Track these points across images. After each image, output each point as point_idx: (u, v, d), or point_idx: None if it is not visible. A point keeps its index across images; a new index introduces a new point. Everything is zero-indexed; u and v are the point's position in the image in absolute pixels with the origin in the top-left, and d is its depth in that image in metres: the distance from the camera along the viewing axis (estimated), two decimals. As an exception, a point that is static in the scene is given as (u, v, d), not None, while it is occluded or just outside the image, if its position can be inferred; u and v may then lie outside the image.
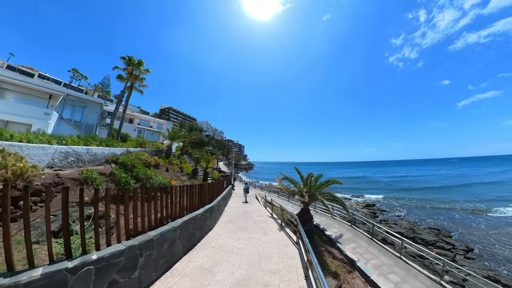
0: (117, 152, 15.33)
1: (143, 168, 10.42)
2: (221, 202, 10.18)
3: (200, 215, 6.65)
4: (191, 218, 5.97)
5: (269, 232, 7.52)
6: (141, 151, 19.22)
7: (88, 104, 20.36)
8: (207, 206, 7.59)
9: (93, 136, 15.05)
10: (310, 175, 9.31)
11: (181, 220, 5.56)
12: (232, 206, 12.83)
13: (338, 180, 9.12)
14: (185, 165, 24.89)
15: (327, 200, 8.57)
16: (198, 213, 6.45)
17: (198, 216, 6.45)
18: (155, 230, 4.72)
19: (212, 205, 8.01)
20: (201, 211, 6.81)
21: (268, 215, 10.11)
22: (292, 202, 17.24)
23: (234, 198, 17.40)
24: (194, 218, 6.19)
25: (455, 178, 59.72)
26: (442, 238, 19.96)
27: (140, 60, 24.38)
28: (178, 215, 5.88)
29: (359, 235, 11.49)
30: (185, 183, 15.90)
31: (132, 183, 8.68)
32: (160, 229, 4.78)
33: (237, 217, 9.66)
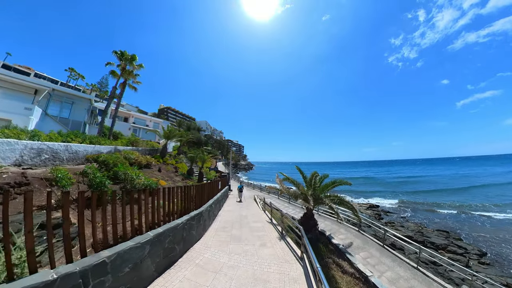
0: (103, 150, 14.12)
1: (123, 167, 9.20)
2: (213, 206, 8.98)
3: (183, 224, 5.44)
4: (168, 229, 4.76)
5: (268, 242, 6.31)
6: (131, 150, 18.00)
7: (77, 100, 19.16)
8: (193, 212, 6.39)
9: (76, 133, 13.84)
10: (314, 175, 8.09)
11: (152, 233, 4.34)
12: (227, 209, 11.61)
13: (346, 180, 7.94)
14: (181, 165, 23.71)
15: (334, 204, 7.38)
16: (178, 222, 5.23)
17: (179, 226, 5.24)
18: (111, 249, 3.51)
19: (200, 211, 6.81)
20: (184, 219, 5.60)
21: (267, 220, 8.91)
22: (293, 204, 16.04)
23: (231, 200, 16.19)
24: (173, 229, 4.98)
25: (464, 179, 56.81)
26: (452, 242, 18.74)
27: (133, 55, 23.22)
28: (153, 225, 4.67)
29: (369, 242, 10.28)
30: (177, 183, 14.70)
31: (107, 184, 7.47)
32: (119, 247, 3.57)
33: (231, 223, 8.45)
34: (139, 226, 4.82)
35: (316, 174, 8.14)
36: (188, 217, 5.87)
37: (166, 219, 5.37)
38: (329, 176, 9.74)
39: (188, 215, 6.04)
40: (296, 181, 8.71)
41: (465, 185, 45.26)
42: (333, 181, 7.96)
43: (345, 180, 7.96)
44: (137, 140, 22.73)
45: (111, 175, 8.77)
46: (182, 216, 5.78)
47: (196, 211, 6.55)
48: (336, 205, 7.38)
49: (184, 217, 5.74)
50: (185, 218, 5.72)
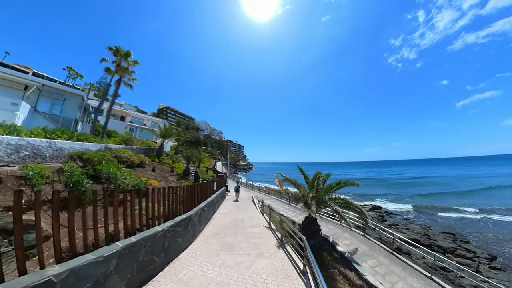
0: (91, 148, 13.33)
1: (107, 166, 8.41)
2: (206, 209, 8.17)
3: (164, 232, 4.64)
4: (144, 239, 3.97)
5: (265, 252, 5.50)
6: (124, 149, 17.20)
7: (68, 96, 18.35)
8: (179, 217, 5.58)
9: (63, 129, 13.05)
10: (317, 175, 7.27)
11: (122, 243, 3.55)
12: (223, 212, 10.78)
13: (352, 181, 7.13)
14: (178, 165, 22.93)
15: (340, 207, 6.59)
16: (158, 230, 4.43)
17: (159, 234, 4.44)
18: (63, 264, 2.72)
19: (188, 216, 6.01)
20: (166, 225, 4.80)
21: (265, 225, 8.10)
22: (293, 205, 15.21)
23: (227, 202, 15.33)
24: (151, 238, 4.18)
25: (470, 180, 54.45)
26: (460, 245, 17.90)
27: (128, 50, 22.51)
28: (133, 231, 3.87)
29: (376, 248, 9.46)
30: (171, 184, 13.90)
31: (86, 183, 6.67)
32: (73, 262, 2.79)
33: (225, 228, 7.63)
34: (115, 232, 4.05)
35: (319, 174, 7.30)
36: (173, 222, 5.06)
37: (150, 224, 4.59)
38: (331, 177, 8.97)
39: (172, 220, 5.23)
40: (297, 182, 7.89)
41: (475, 187, 42.82)
42: (338, 182, 7.16)
43: (351, 181, 7.16)
44: (131, 138, 21.94)
45: (92, 174, 7.97)
46: (165, 222, 4.97)
47: (183, 216, 5.73)
48: (342, 208, 6.59)
49: (166, 223, 4.93)
50: (168, 224, 4.92)
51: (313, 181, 7.30)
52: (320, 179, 7.13)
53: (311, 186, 7.31)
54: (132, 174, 12.03)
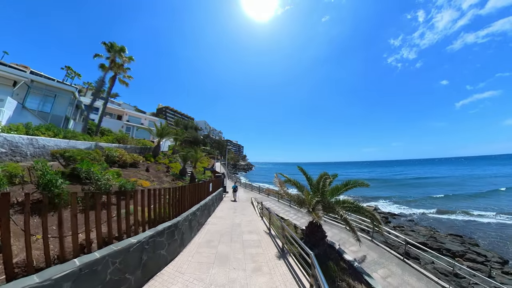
0: (80, 146, 12.54)
1: (87, 164, 7.60)
2: (199, 213, 7.36)
3: (141, 243, 3.84)
4: (110, 254, 3.17)
5: (264, 265, 4.68)
6: (117, 147, 16.41)
7: (59, 93, 17.55)
8: (161, 226, 4.76)
9: (48, 126, 12.25)
10: (323, 177, 6.38)
11: (80, 260, 2.75)
12: (219, 215, 9.95)
13: (362, 181, 6.32)
14: (174, 165, 22.13)
15: (350, 212, 5.78)
16: (132, 242, 3.63)
17: (134, 247, 3.63)
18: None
19: (175, 222, 5.20)
20: (143, 236, 3.99)
21: (265, 231, 7.28)
22: (295, 208, 14.39)
23: (225, 204, 14.46)
24: (123, 252, 3.39)
25: (478, 180, 52.14)
26: (469, 248, 17.06)
27: (122, 46, 21.74)
28: (110, 239, 3.08)
29: (386, 255, 8.65)
30: (164, 185, 13.09)
31: (59, 184, 5.86)
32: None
33: (220, 234, 6.82)
34: (86, 241, 3.29)
35: (325, 175, 6.40)
36: (153, 232, 4.25)
37: (131, 232, 3.82)
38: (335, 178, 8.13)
39: (153, 229, 4.42)
40: (299, 184, 7.05)
41: (483, 188, 40.13)
42: (345, 183, 6.35)
43: (360, 181, 6.35)
44: (125, 137, 21.13)
45: (72, 173, 7.17)
46: (142, 232, 4.16)
47: (167, 223, 4.92)
48: (351, 213, 5.77)
49: (145, 233, 4.12)
50: (147, 233, 4.11)
51: (318, 183, 6.46)
52: (326, 181, 6.29)
53: (316, 189, 6.47)
54: (122, 174, 11.24)
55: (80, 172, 7.45)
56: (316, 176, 7.48)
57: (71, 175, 7.91)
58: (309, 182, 7.02)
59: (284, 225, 5.14)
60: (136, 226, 4.74)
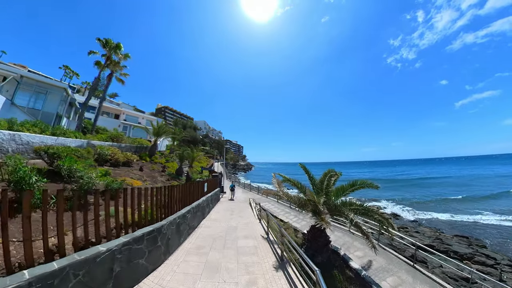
0: (70, 143, 11.92)
1: (70, 161, 6.97)
2: (190, 216, 6.71)
3: (112, 253, 3.21)
4: (72, 265, 2.54)
5: (260, 278, 4.03)
6: (111, 146, 15.78)
7: (51, 89, 16.91)
8: (139, 231, 4.11)
9: (35, 122, 11.64)
10: (329, 174, 5.68)
11: (30, 272, 2.12)
12: (214, 217, 9.28)
13: (371, 182, 5.66)
14: (171, 164, 21.52)
15: (358, 215, 5.12)
16: (100, 250, 3.00)
17: (102, 257, 3.00)
18: None
19: (158, 227, 4.55)
20: (114, 244, 3.35)
21: (262, 235, 6.62)
22: (295, 209, 13.73)
23: (221, 205, 13.74)
24: (88, 263, 2.75)
25: (485, 180, 49.88)
26: (478, 250, 16.35)
27: (118, 43, 21.15)
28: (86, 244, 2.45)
29: (394, 261, 7.99)
30: (157, 184, 12.45)
31: (34, 181, 5.23)
32: None
33: (213, 239, 6.17)
34: (59, 246, 2.68)
35: (331, 172, 5.69)
36: (129, 238, 3.62)
37: (112, 236, 3.19)
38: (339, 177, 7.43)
39: (130, 235, 3.77)
40: (300, 184, 6.37)
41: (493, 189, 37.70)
42: (352, 182, 5.69)
43: (369, 181, 5.69)
44: (120, 135, 20.51)
45: (53, 171, 6.53)
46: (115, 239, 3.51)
47: (148, 228, 4.27)
48: (360, 216, 5.10)
49: (120, 239, 3.48)
50: (121, 240, 3.47)
51: (322, 182, 5.75)
52: (332, 180, 5.59)
53: (319, 189, 5.79)
54: (112, 173, 10.60)
55: (61, 169, 6.82)
56: (318, 176, 6.81)
57: (53, 172, 7.30)
58: (312, 181, 6.35)
59: (283, 232, 4.49)
60: (118, 230, 4.13)
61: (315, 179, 6.34)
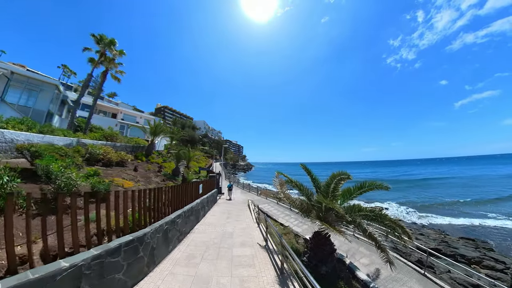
0: (58, 142, 11.31)
1: (48, 160, 6.37)
2: (180, 221, 6.09)
3: (77, 269, 2.59)
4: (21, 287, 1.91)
5: (256, 296, 3.44)
6: (103, 145, 15.18)
7: (42, 86, 16.32)
8: (115, 242, 3.49)
9: (21, 120, 11.06)
10: (338, 176, 4.98)
11: None
12: (209, 221, 8.64)
13: (381, 183, 5.05)
14: (168, 164, 20.93)
15: (369, 220, 4.50)
16: (62, 266, 2.38)
17: (62, 276, 2.39)
18: None
19: (139, 235, 3.94)
20: (85, 256, 2.75)
21: (260, 242, 5.99)
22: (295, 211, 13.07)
23: (218, 207, 13.04)
24: (38, 284, 2.12)
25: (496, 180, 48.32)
26: (485, 254, 15.72)
27: (112, 38, 20.52)
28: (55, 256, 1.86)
29: (403, 269, 7.39)
30: (151, 185, 11.83)
31: (5, 182, 4.63)
32: None
33: (206, 246, 5.54)
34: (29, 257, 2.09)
35: (341, 174, 4.98)
36: (101, 250, 3.01)
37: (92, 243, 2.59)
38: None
39: (102, 246, 3.17)
40: (303, 186, 5.73)
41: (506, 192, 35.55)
42: (360, 184, 5.07)
43: (379, 182, 5.08)
44: (115, 134, 19.90)
45: (26, 170, 5.92)
46: (83, 252, 2.90)
47: (126, 238, 3.66)
48: (368, 221, 4.47)
49: (90, 251, 2.88)
50: (91, 253, 2.86)
51: (328, 185, 5.06)
52: (341, 182, 4.92)
53: (324, 192, 5.13)
54: (102, 173, 10.00)
55: (38, 168, 6.21)
56: (320, 176, 6.17)
57: (34, 172, 6.70)
58: (315, 183, 5.73)
59: (284, 243, 3.85)
60: (100, 236, 3.55)
61: (318, 181, 5.71)
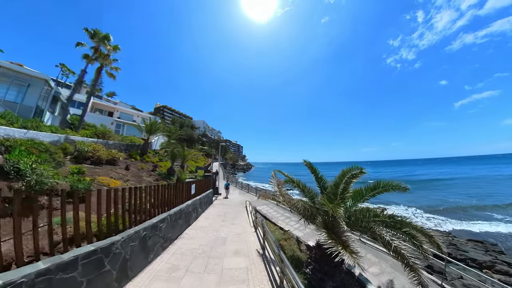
0: (44, 138, 10.58)
1: (18, 155, 5.62)
2: (164, 225, 5.31)
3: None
4: None
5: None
6: (94, 143, 14.44)
7: (31, 81, 15.56)
8: (69, 254, 2.72)
9: (3, 114, 10.35)
10: (350, 173, 4.09)
11: None
12: (202, 224, 7.82)
13: (399, 183, 4.25)
14: (164, 163, 20.20)
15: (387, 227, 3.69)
16: None
17: None
18: None
19: (105, 245, 3.19)
20: (22, 273, 1.96)
21: (257, 251, 5.22)
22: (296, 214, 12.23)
23: (213, 208, 12.14)
24: None
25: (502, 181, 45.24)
26: (497, 257, 14.87)
27: (107, 33, 19.83)
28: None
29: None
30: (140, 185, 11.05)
31: None
32: None
33: (193, 256, 4.76)
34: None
35: (355, 170, 4.08)
36: (49, 264, 2.25)
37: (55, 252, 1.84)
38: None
39: (49, 260, 2.40)
40: (305, 186, 4.88)
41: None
42: (373, 185, 4.26)
43: (396, 182, 4.29)
44: (107, 132, 19.14)
45: None
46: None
47: (86, 248, 2.90)
48: (388, 229, 3.66)
49: (38, 264, 2.11)
50: (35, 268, 2.10)
51: (337, 185, 4.19)
52: (352, 180, 4.07)
53: (332, 193, 4.30)
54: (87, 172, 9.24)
55: (5, 164, 5.45)
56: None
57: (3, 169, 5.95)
58: (319, 183, 4.88)
59: (283, 258, 3.05)
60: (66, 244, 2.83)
61: (325, 180, 4.90)
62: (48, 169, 5.44)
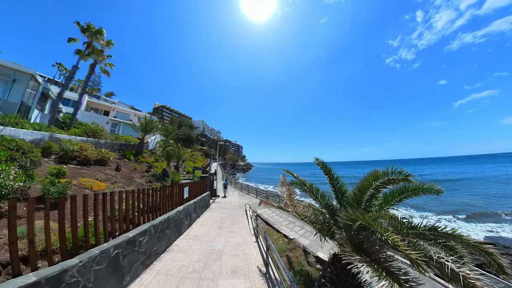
0: (24, 136, 9.70)
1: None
2: (147, 239, 4.39)
3: None
4: None
5: None
6: (83, 142, 13.53)
7: (16, 76, 14.64)
8: None
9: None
10: (380, 178, 3.14)
11: None
12: (195, 233, 6.85)
13: (431, 185, 3.39)
14: (159, 164, 19.29)
15: (424, 240, 2.81)
16: None
17: None
18: None
19: (53, 273, 2.26)
20: None
21: (258, 269, 4.32)
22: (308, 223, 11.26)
23: (211, 213, 11.08)
24: None
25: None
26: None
27: (100, 28, 18.94)
28: None
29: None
30: (130, 188, 10.10)
31: None
32: None
33: (180, 277, 3.83)
34: None
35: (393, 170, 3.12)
36: None
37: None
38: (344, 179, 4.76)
39: None
40: (318, 190, 3.89)
41: None
42: (401, 188, 3.38)
43: (427, 184, 3.42)
44: (99, 130, 18.22)
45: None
46: None
47: (20, 280, 2.00)
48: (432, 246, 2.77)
49: None
50: None
51: (363, 191, 3.21)
52: (387, 185, 3.14)
53: (354, 201, 3.35)
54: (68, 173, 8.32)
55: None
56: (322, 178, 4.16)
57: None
58: (334, 186, 3.92)
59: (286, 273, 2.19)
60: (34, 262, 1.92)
61: (342, 183, 3.96)
62: (7, 170, 4.53)
